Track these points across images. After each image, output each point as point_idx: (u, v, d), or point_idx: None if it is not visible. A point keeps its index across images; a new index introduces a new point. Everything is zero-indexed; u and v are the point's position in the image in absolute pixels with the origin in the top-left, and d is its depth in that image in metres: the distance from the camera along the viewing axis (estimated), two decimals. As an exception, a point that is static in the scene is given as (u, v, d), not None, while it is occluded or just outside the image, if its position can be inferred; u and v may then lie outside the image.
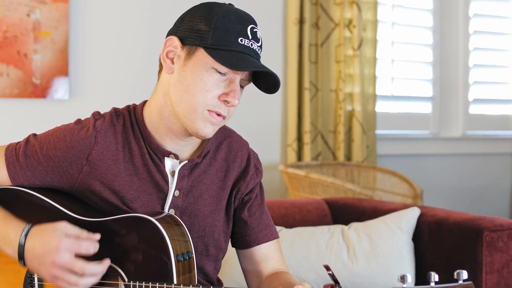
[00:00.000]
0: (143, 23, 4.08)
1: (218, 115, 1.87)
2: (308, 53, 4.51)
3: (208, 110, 1.85)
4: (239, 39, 1.84)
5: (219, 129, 2.04)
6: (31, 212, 1.94)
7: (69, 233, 1.79)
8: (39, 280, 1.90)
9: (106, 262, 1.81)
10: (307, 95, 4.50)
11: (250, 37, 1.86)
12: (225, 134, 2.07)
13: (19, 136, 2.16)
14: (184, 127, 1.89)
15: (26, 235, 1.80)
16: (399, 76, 5.09)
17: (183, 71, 1.87)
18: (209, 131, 1.88)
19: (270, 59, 4.52)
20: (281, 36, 4.56)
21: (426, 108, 5.27)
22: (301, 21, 4.50)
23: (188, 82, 1.85)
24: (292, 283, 1.92)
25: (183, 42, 1.87)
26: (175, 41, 1.88)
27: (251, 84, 1.95)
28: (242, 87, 1.91)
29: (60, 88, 3.83)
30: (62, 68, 3.83)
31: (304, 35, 4.49)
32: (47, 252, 1.76)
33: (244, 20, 1.87)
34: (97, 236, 1.82)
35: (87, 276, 1.78)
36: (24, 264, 1.80)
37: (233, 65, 1.80)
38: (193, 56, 1.85)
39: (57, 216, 1.90)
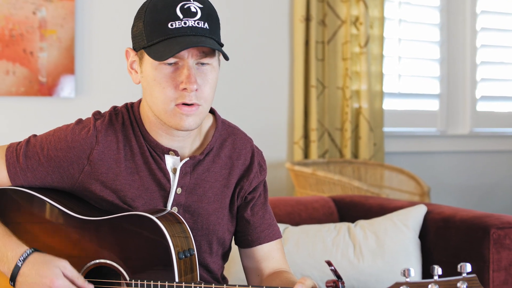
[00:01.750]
0: (149, 21, 4.08)
1: (188, 104, 1.83)
2: (315, 51, 4.50)
3: (176, 105, 1.83)
4: (169, 24, 1.80)
5: (223, 126, 2.03)
6: (31, 212, 1.93)
7: (66, 274, 1.79)
8: None
9: None
10: (313, 93, 4.48)
11: (181, 17, 1.80)
12: (229, 131, 2.05)
13: (25, 134, 2.16)
14: (168, 125, 1.88)
15: (24, 259, 1.80)
16: (406, 74, 5.07)
17: (142, 77, 1.88)
18: (189, 121, 1.84)
19: (277, 57, 4.51)
20: (288, 33, 4.55)
21: (433, 105, 5.25)
22: (307, 19, 4.49)
23: (148, 85, 1.86)
24: (293, 281, 1.91)
25: (135, 49, 1.90)
26: (130, 52, 1.92)
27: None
28: (206, 64, 1.85)
29: (66, 86, 3.83)
30: (68, 66, 3.82)
31: (310, 33, 4.48)
32: (40, 284, 1.77)
33: (171, 2, 1.81)
34: (91, 286, 1.81)
35: None
36: (14, 285, 1.81)
37: (161, 56, 1.78)
38: (143, 60, 1.86)
39: (58, 216, 1.90)
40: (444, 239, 2.87)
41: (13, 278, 1.80)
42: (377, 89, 4.74)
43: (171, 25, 1.79)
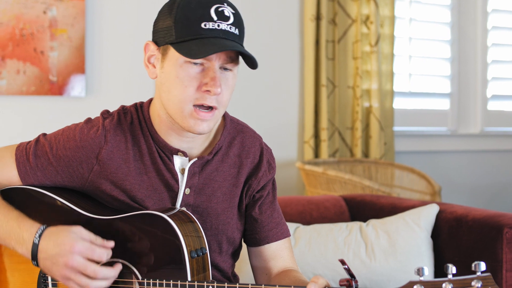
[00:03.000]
0: (159, 20, 4.07)
1: (208, 108, 1.82)
2: (325, 50, 4.49)
3: (194, 106, 1.82)
4: (202, 24, 1.78)
5: (232, 124, 2.02)
6: (43, 211, 1.93)
7: (83, 237, 1.79)
8: (53, 280, 1.89)
9: (118, 267, 1.80)
10: (324, 92, 4.47)
11: (216, 18, 1.79)
12: (238, 130, 2.04)
13: (35, 134, 2.15)
14: (180, 126, 1.86)
15: (40, 235, 1.80)
16: (416, 73, 5.06)
17: (163, 73, 1.86)
18: (203, 127, 1.84)
19: (287, 56, 4.50)
20: (298, 32, 4.54)
21: (444, 104, 5.24)
22: (318, 18, 4.47)
23: (168, 82, 1.84)
24: (302, 280, 1.91)
25: (157, 44, 1.87)
26: (151, 45, 1.89)
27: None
28: (229, 70, 1.85)
29: (77, 85, 3.83)
30: (78, 65, 3.82)
31: (321, 32, 4.47)
32: (61, 253, 1.76)
33: (206, 2, 1.81)
34: (111, 243, 1.81)
35: (99, 280, 1.77)
36: (37, 264, 1.81)
37: (194, 54, 1.76)
38: (167, 55, 1.84)
39: (69, 215, 1.90)
40: (456, 238, 2.86)
41: (34, 257, 1.80)
42: (388, 88, 4.73)
43: (205, 25, 1.78)
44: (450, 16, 5.20)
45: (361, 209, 3.27)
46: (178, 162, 1.94)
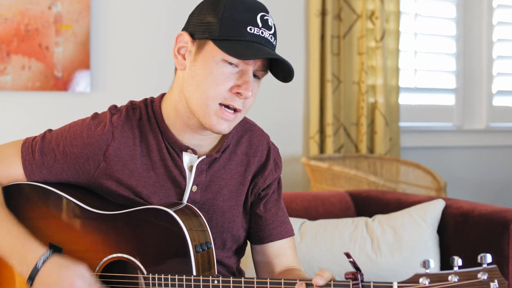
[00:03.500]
0: (164, 16, 4.07)
1: (233, 109, 1.83)
2: (330, 45, 4.48)
3: (220, 104, 1.81)
4: (248, 28, 1.79)
5: (240, 122, 2.01)
6: (48, 207, 1.93)
7: (85, 279, 1.79)
8: None
9: None
10: (329, 87, 4.47)
11: (260, 25, 1.80)
12: (246, 128, 2.03)
13: (40, 129, 2.15)
14: (200, 122, 1.86)
15: (44, 261, 1.80)
16: (422, 68, 5.05)
17: (194, 66, 1.84)
18: (224, 127, 1.84)
19: (292, 51, 4.50)
20: (303, 28, 4.53)
21: (449, 100, 5.23)
22: (323, 13, 4.47)
23: (199, 76, 1.82)
24: (305, 278, 1.90)
25: (193, 36, 1.85)
26: (185, 36, 1.86)
27: (271, 76, 1.91)
28: (258, 78, 1.86)
29: (82, 81, 3.83)
30: (83, 61, 3.82)
31: (326, 27, 4.47)
32: (59, 286, 1.77)
33: (253, 8, 1.82)
34: None
35: None
36: (31, 284, 1.80)
37: (240, 54, 1.76)
38: (203, 50, 1.82)
39: (74, 211, 1.89)
40: (462, 234, 2.85)
41: (31, 278, 1.80)
42: (393, 83, 4.72)
43: (250, 29, 1.79)
44: (456, 11, 5.19)
45: (366, 204, 3.27)
46: (187, 159, 1.93)
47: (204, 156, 1.93)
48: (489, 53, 5.30)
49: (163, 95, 1.97)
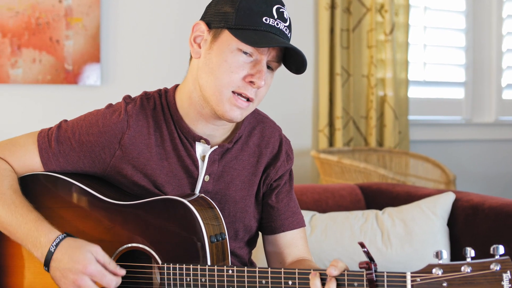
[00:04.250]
0: (174, 9, 4.08)
1: (246, 98, 1.85)
2: (340, 38, 4.49)
3: (233, 92, 1.84)
4: (264, 19, 1.82)
5: (252, 114, 2.03)
6: (65, 197, 1.94)
7: (98, 259, 1.79)
8: None
9: None
10: (338, 81, 4.47)
11: (276, 17, 1.83)
12: (258, 120, 2.05)
13: (51, 122, 2.16)
14: (213, 110, 1.87)
15: (57, 244, 1.80)
16: (431, 61, 5.05)
17: (209, 54, 1.86)
18: (236, 114, 1.86)
19: (302, 44, 4.49)
20: (313, 21, 4.54)
21: (458, 93, 5.23)
22: (332, 6, 4.47)
23: (213, 64, 1.85)
24: (318, 269, 1.92)
25: (210, 26, 1.87)
26: (201, 25, 1.88)
27: (282, 69, 1.93)
28: (271, 69, 1.89)
29: (92, 74, 3.85)
30: (94, 54, 3.84)
31: (335, 20, 4.47)
32: (73, 270, 1.77)
33: (269, 0, 1.85)
34: (123, 272, 1.81)
35: None
36: (48, 270, 1.81)
37: (255, 43, 1.79)
38: (218, 39, 1.85)
39: (90, 201, 1.91)
40: (472, 226, 2.86)
41: (46, 263, 1.80)
42: (402, 77, 4.72)
43: (266, 19, 1.82)
44: (465, 4, 5.19)
45: (376, 197, 3.28)
46: (200, 149, 1.95)
47: (217, 146, 1.95)
48: (499, 46, 5.29)
49: (176, 86, 1.99)
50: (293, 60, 1.88)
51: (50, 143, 1.94)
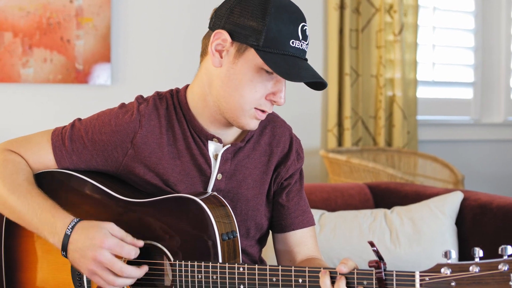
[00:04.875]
0: (185, 9, 4.10)
1: (263, 111, 1.88)
2: (349, 39, 4.50)
3: (255, 109, 1.87)
4: (291, 42, 1.81)
5: None
6: (78, 194, 1.96)
7: (115, 234, 1.81)
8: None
9: (144, 269, 1.83)
10: (347, 81, 4.49)
11: (301, 38, 1.83)
12: (269, 119, 2.07)
13: (62, 121, 2.18)
14: (229, 120, 1.90)
15: (73, 227, 1.82)
16: (440, 62, 5.06)
17: (233, 69, 1.85)
18: (254, 125, 1.90)
19: (311, 45, 4.49)
20: (322, 21, 4.55)
21: (467, 93, 5.23)
22: (341, 7, 4.49)
23: (238, 81, 1.85)
24: (328, 267, 1.93)
25: (233, 37, 1.84)
26: (224, 35, 1.85)
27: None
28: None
29: (102, 74, 3.87)
30: (104, 54, 3.86)
31: (344, 21, 4.48)
32: (90, 247, 1.78)
33: (296, 19, 1.83)
34: (141, 243, 1.83)
35: (124, 278, 1.80)
36: (66, 255, 1.83)
37: (287, 74, 1.79)
38: (244, 55, 1.84)
39: (104, 198, 1.93)
40: (481, 225, 2.87)
41: (64, 248, 1.82)
42: (411, 77, 4.73)
43: (292, 42, 1.82)
44: (474, 5, 5.19)
45: (385, 196, 3.28)
46: (212, 147, 1.97)
47: (229, 145, 1.97)
48: (508, 46, 5.30)
49: (187, 86, 2.01)
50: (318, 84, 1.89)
51: (63, 141, 1.97)
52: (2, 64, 3.66)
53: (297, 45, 1.82)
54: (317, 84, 1.87)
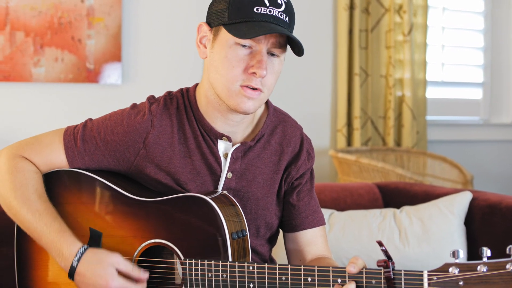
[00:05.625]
0: (195, 9, 4.11)
1: (253, 89, 1.87)
2: (358, 39, 4.51)
3: (241, 86, 1.86)
4: (255, 9, 1.83)
5: (274, 113, 2.06)
6: (88, 194, 1.98)
7: (120, 269, 1.83)
8: None
9: None
10: (357, 81, 4.50)
11: (268, 4, 1.83)
12: (280, 119, 2.08)
13: (73, 120, 2.19)
14: (227, 105, 1.90)
15: (79, 259, 1.85)
16: (449, 62, 5.06)
17: (212, 53, 1.90)
18: (249, 105, 1.88)
19: (321, 45, 4.52)
20: (331, 21, 4.56)
21: (476, 94, 5.23)
22: (351, 7, 4.49)
23: (217, 62, 1.88)
24: (337, 267, 1.94)
25: (210, 25, 1.91)
26: (204, 26, 1.93)
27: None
28: (276, 55, 1.89)
29: (113, 73, 3.89)
30: (115, 54, 3.88)
31: (354, 21, 4.49)
32: (96, 285, 1.82)
33: None
34: (146, 275, 1.86)
35: None
36: (73, 280, 1.86)
37: (244, 34, 1.81)
38: (218, 36, 1.88)
39: (115, 197, 1.94)
40: (489, 225, 2.87)
41: (71, 275, 1.86)
42: (420, 77, 4.74)
43: (257, 9, 1.83)
44: (484, 5, 5.19)
45: (394, 196, 3.29)
46: (222, 146, 1.98)
47: (239, 144, 1.98)
48: (517, 47, 5.30)
49: (197, 84, 2.03)
50: (294, 44, 1.87)
51: (76, 142, 1.98)
52: (13, 63, 3.68)
53: (264, 11, 1.83)
54: (299, 49, 1.86)
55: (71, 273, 1.85)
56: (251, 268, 1.77)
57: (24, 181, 1.95)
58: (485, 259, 1.58)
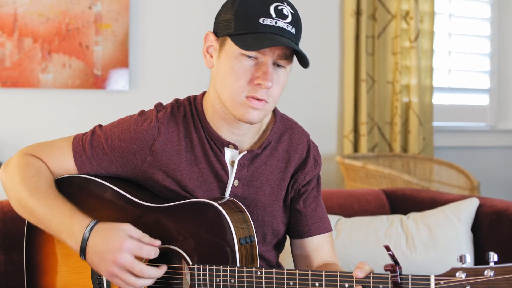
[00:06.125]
0: (202, 15, 4.12)
1: (258, 99, 1.86)
2: (365, 45, 4.51)
3: (246, 97, 1.86)
4: (260, 20, 1.82)
5: (281, 120, 2.06)
6: (97, 199, 1.99)
7: (132, 235, 1.83)
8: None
9: (163, 268, 1.85)
10: (363, 87, 4.50)
11: (274, 16, 1.83)
12: (287, 126, 2.09)
13: (80, 126, 2.21)
14: (233, 115, 1.91)
15: (90, 230, 1.84)
16: (456, 68, 5.06)
17: (218, 63, 1.90)
18: (253, 116, 1.88)
19: (327, 51, 4.53)
20: (338, 28, 4.57)
21: (483, 100, 5.23)
22: (358, 13, 4.50)
23: (223, 72, 1.88)
24: (344, 272, 1.94)
25: (217, 35, 1.91)
26: (210, 35, 1.93)
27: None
28: (282, 66, 1.89)
29: (120, 79, 3.90)
30: (122, 60, 3.89)
31: (361, 27, 4.50)
32: (109, 250, 1.80)
33: (267, 0, 1.85)
34: (158, 242, 1.85)
35: (144, 279, 1.82)
36: (85, 257, 1.84)
37: (249, 46, 1.80)
38: (224, 47, 1.88)
39: (123, 202, 1.95)
40: (496, 232, 2.87)
41: (82, 250, 1.84)
42: (427, 83, 4.74)
43: (263, 21, 1.82)
44: (490, 11, 5.20)
45: (401, 202, 3.29)
46: (229, 154, 1.99)
47: (246, 152, 1.99)
48: (524, 53, 5.30)
49: (204, 92, 2.03)
50: (300, 56, 1.87)
51: (84, 147, 1.99)
52: (21, 69, 3.70)
53: (270, 22, 1.82)
54: (305, 60, 1.86)
55: (83, 247, 1.83)
56: (259, 273, 1.78)
57: (35, 173, 1.97)
58: (492, 264, 1.59)
